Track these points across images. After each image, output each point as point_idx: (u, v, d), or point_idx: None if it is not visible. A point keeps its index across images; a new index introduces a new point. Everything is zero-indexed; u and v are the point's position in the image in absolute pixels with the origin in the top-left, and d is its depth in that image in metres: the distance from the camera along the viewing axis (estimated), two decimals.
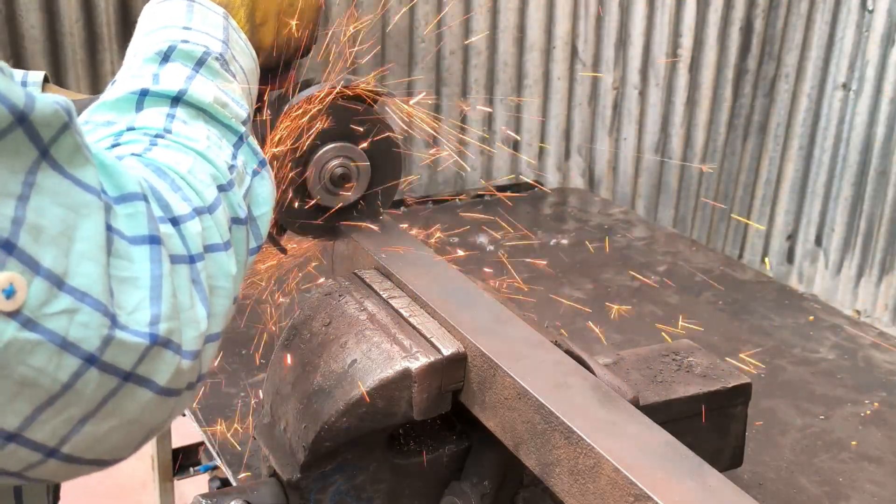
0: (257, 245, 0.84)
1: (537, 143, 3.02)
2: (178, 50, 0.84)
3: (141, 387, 0.63)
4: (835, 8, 3.11)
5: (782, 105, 3.27)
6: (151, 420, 0.66)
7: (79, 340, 0.58)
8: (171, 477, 2.31)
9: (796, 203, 3.34)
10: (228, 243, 0.76)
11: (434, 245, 1.42)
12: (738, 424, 1.28)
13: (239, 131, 0.84)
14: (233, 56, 0.91)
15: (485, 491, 1.09)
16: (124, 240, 0.63)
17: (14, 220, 0.56)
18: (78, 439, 0.62)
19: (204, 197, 0.74)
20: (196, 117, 0.81)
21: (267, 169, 0.87)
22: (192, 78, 0.83)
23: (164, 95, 0.81)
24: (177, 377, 0.65)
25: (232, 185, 0.79)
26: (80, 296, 0.59)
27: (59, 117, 0.59)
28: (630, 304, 2.07)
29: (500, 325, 1.06)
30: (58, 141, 0.59)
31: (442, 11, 2.75)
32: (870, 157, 3.10)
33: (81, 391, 0.60)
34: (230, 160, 0.81)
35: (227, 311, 0.75)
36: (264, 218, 0.86)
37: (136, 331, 0.62)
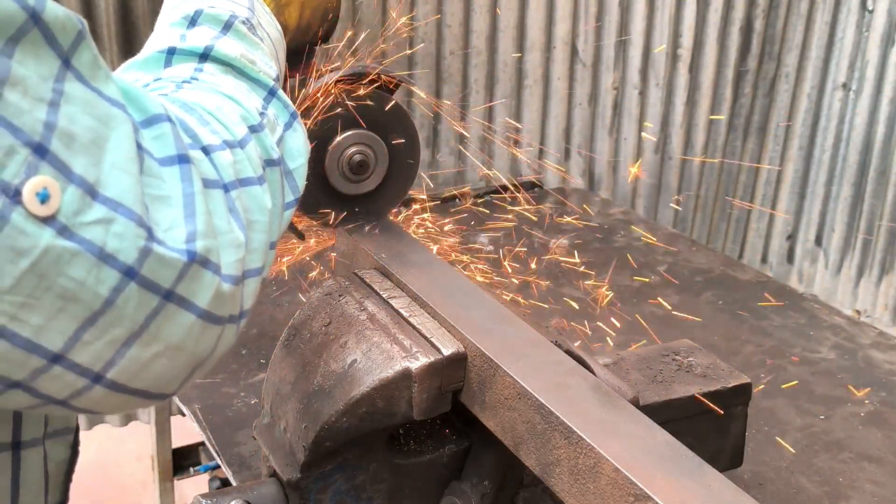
0: (294, 198, 0.83)
1: (537, 143, 3.02)
2: (205, 14, 0.85)
3: (182, 308, 0.62)
4: (835, 8, 3.11)
5: (782, 105, 3.27)
6: (196, 348, 0.65)
7: (116, 251, 0.58)
8: (171, 477, 2.31)
9: (796, 203, 3.34)
10: (262, 178, 0.74)
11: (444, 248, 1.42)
12: (738, 424, 1.28)
13: (269, 85, 0.84)
14: (259, 23, 0.91)
15: (485, 491, 1.09)
16: (154, 160, 0.62)
17: (46, 125, 0.55)
18: (123, 364, 0.61)
19: (233, 132, 0.73)
20: (225, 72, 0.81)
21: (299, 122, 0.86)
22: (218, 38, 0.83)
23: (191, 52, 0.81)
24: (218, 301, 0.64)
25: (263, 128, 0.78)
26: (114, 205, 0.58)
27: (72, 24, 0.58)
28: (630, 304, 2.07)
29: (500, 325, 1.06)
30: (77, 51, 0.58)
31: (442, 11, 2.75)
32: (870, 157, 3.10)
33: (123, 308, 0.59)
34: (261, 108, 0.80)
35: (264, 247, 0.73)
36: (300, 171, 0.84)
37: (173, 247, 0.61)
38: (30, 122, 0.54)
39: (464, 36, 2.80)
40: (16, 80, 0.54)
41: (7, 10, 0.54)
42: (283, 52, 0.98)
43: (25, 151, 0.54)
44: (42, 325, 0.56)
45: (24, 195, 0.53)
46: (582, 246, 2.39)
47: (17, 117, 0.54)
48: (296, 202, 0.83)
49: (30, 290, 0.55)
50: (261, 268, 0.72)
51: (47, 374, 0.59)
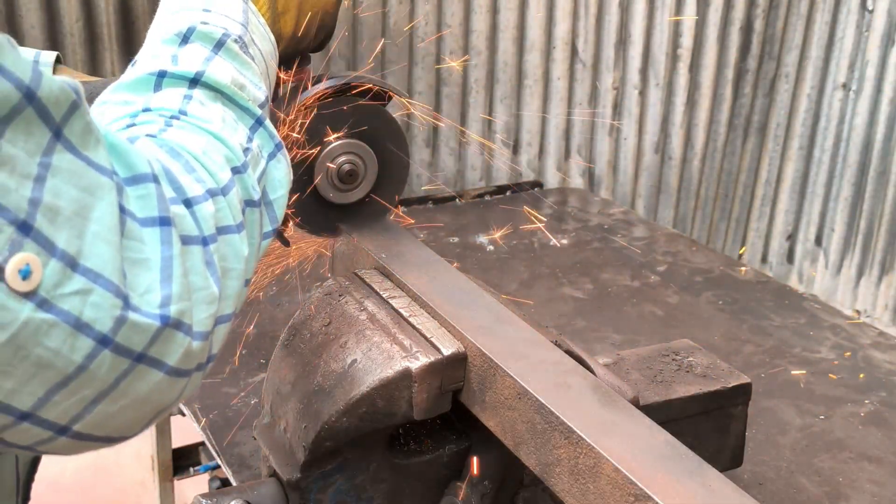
0: (272, 228, 0.84)
1: (537, 143, 3.02)
2: (198, 31, 0.85)
3: (152, 368, 0.63)
4: (835, 8, 3.11)
5: (782, 105, 3.27)
6: (161, 400, 0.66)
7: (92, 321, 0.59)
8: (171, 477, 2.31)
9: (796, 203, 3.34)
10: (241, 225, 0.75)
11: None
12: (738, 424, 1.28)
13: (256, 114, 0.84)
14: (252, 39, 0.91)
15: (485, 491, 1.09)
16: (136, 221, 0.63)
17: (31, 202, 0.56)
18: (90, 418, 0.62)
19: (218, 178, 0.74)
20: (213, 99, 0.81)
21: (283, 153, 0.87)
22: (210, 59, 0.83)
23: (181, 77, 0.81)
24: (187, 358, 0.66)
25: (246, 168, 0.79)
26: (94, 276, 0.59)
27: (67, 95, 0.59)
28: (630, 304, 2.07)
29: (500, 325, 1.06)
30: (70, 121, 0.59)
31: (442, 11, 2.75)
32: (870, 157, 3.10)
33: (95, 372, 0.60)
34: (245, 143, 0.81)
35: (238, 292, 0.75)
36: (280, 201, 0.85)
37: (148, 312, 0.62)
38: (16, 199, 0.55)
39: (464, 36, 2.80)
40: (4, 161, 0.55)
41: (2, 90, 0.55)
42: (274, 66, 0.99)
43: (10, 230, 0.55)
44: (14, 389, 0.58)
45: (6, 272, 0.55)
46: (582, 246, 2.39)
47: (3, 196, 0.55)
48: (273, 232, 0.84)
49: (6, 360, 0.56)
50: (232, 313, 0.74)
51: (15, 429, 0.60)
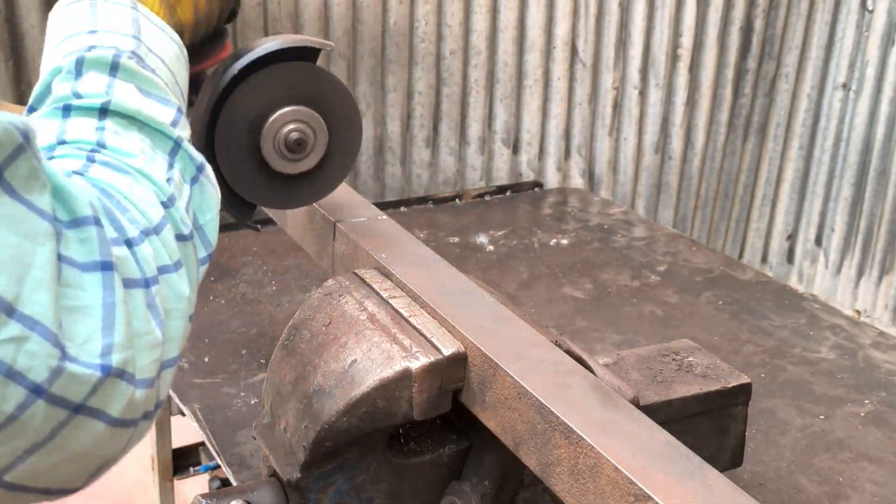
0: (207, 254, 0.81)
1: (537, 143, 3.02)
2: (88, 59, 0.79)
3: (92, 419, 0.61)
4: (835, 8, 3.11)
5: (782, 105, 3.27)
6: (105, 452, 0.64)
7: (25, 370, 0.56)
8: (171, 477, 2.31)
9: (796, 203, 3.34)
10: (179, 263, 0.73)
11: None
12: (738, 424, 1.28)
13: (172, 136, 0.80)
14: (148, 49, 0.85)
15: (485, 491, 1.09)
16: (75, 267, 0.61)
17: None
18: (24, 468, 0.60)
19: (149, 217, 0.71)
20: (128, 127, 0.77)
21: (206, 174, 0.83)
22: (111, 85, 0.79)
23: (89, 108, 0.76)
24: (130, 407, 0.63)
25: (173, 201, 0.76)
26: (31, 324, 0.56)
27: (11, 138, 0.56)
28: (630, 304, 2.07)
29: (500, 324, 1.06)
30: (14, 164, 0.56)
31: (442, 11, 2.75)
32: (870, 157, 3.10)
33: (27, 423, 0.57)
34: (167, 172, 0.77)
35: (182, 333, 0.72)
36: (210, 224, 0.82)
37: (87, 362, 0.59)
38: None
39: (464, 36, 2.80)
40: None
41: None
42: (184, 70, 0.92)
43: None
44: None
45: None
46: (582, 246, 2.39)
47: None
48: (209, 258, 0.81)
49: None
50: (177, 356, 0.71)
51: None
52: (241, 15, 2.52)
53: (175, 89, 0.87)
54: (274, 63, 1.10)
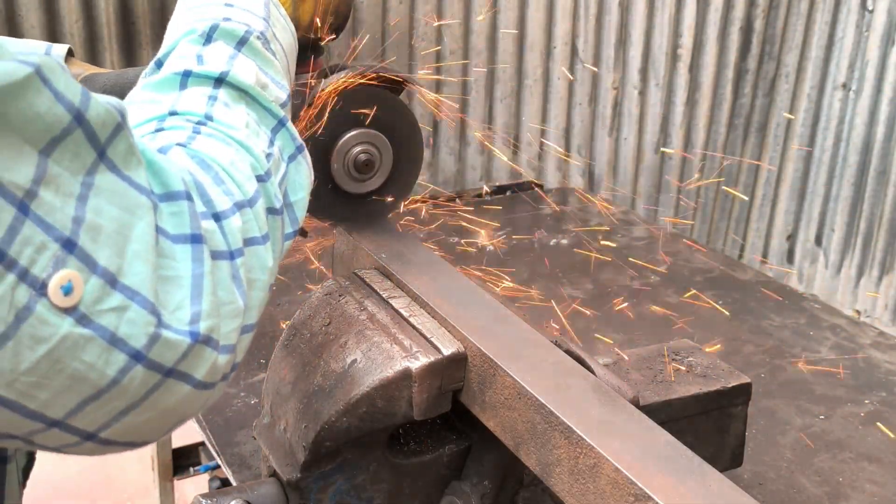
0: (293, 230, 0.85)
1: (537, 143, 3.02)
2: (221, 29, 0.85)
3: (181, 381, 0.64)
4: (835, 8, 3.11)
5: (782, 105, 3.27)
6: (186, 410, 0.68)
7: (127, 337, 0.60)
8: (171, 477, 2.31)
9: (796, 203, 3.34)
10: (266, 236, 0.76)
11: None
12: (738, 424, 1.28)
13: (278, 115, 0.85)
14: (273, 34, 0.91)
15: (485, 491, 1.09)
16: (168, 238, 0.64)
17: (75, 220, 0.58)
18: (116, 427, 0.64)
19: (245, 190, 0.75)
20: (238, 100, 0.82)
21: (304, 154, 0.88)
22: (234, 58, 0.84)
23: (206, 76, 0.81)
24: (213, 371, 0.67)
25: (269, 176, 0.80)
26: (132, 294, 0.60)
27: (112, 117, 0.61)
28: (630, 304, 2.07)
29: (500, 324, 1.06)
30: (113, 142, 0.61)
31: (442, 11, 2.75)
32: (870, 157, 3.10)
33: (127, 386, 0.61)
34: (267, 148, 0.82)
35: (262, 301, 0.76)
36: (301, 203, 0.86)
37: (179, 329, 0.63)
38: (61, 218, 0.57)
39: (464, 36, 2.80)
40: (50, 179, 0.57)
41: (54, 112, 0.57)
42: (294, 59, 0.99)
43: (55, 247, 0.57)
44: (48, 400, 0.59)
45: (49, 288, 0.56)
46: (582, 246, 2.39)
47: (49, 214, 0.56)
48: (294, 234, 0.85)
49: (44, 372, 0.58)
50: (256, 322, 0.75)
51: (45, 434, 0.62)
52: None
53: (287, 76, 0.93)
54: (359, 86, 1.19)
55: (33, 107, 0.55)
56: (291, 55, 0.97)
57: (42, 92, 0.56)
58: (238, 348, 0.71)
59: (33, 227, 0.55)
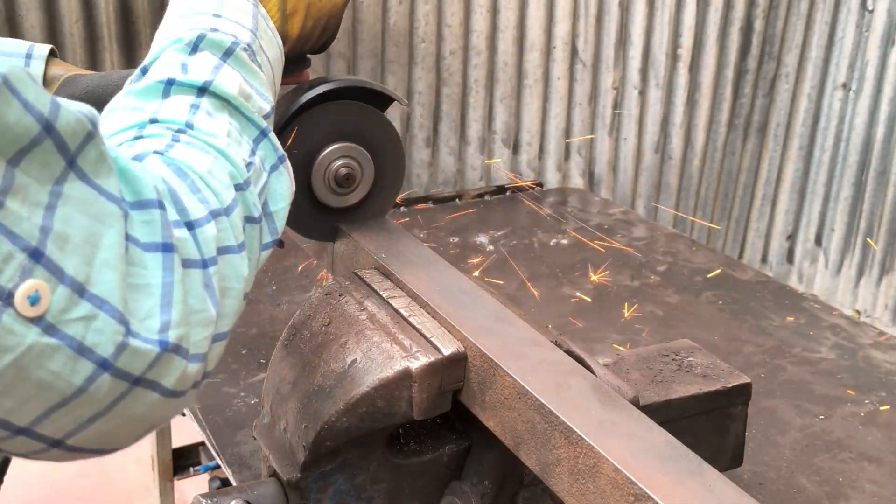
0: (272, 240, 0.85)
1: (537, 143, 3.02)
2: (207, 39, 0.85)
3: (149, 390, 0.65)
4: (835, 8, 3.11)
5: (782, 105, 3.27)
6: (155, 418, 0.68)
7: (94, 345, 0.60)
8: (171, 477, 2.31)
9: (796, 203, 3.34)
10: (242, 245, 0.77)
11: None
12: (738, 424, 1.28)
13: (261, 126, 0.85)
14: (260, 46, 0.92)
15: (485, 491, 1.09)
16: (138, 247, 0.65)
17: (42, 229, 0.58)
18: (83, 434, 0.64)
19: (222, 198, 0.75)
20: (220, 109, 0.82)
21: (285, 165, 0.88)
22: (218, 68, 0.84)
23: (190, 85, 0.82)
24: (183, 380, 0.67)
25: (248, 184, 0.80)
26: (100, 303, 0.60)
27: (82, 126, 0.61)
28: (630, 304, 2.07)
29: (500, 324, 1.06)
30: (84, 150, 0.61)
31: (442, 11, 2.75)
32: (870, 157, 3.10)
33: (93, 394, 0.61)
34: (248, 157, 0.82)
35: (236, 310, 0.76)
36: (281, 213, 0.87)
37: (147, 338, 0.63)
38: (27, 227, 0.57)
39: (464, 36, 2.80)
40: (17, 189, 0.57)
41: (22, 123, 0.56)
42: (280, 72, 0.99)
43: (22, 256, 0.56)
44: (13, 408, 0.59)
45: (16, 298, 0.56)
46: (582, 246, 2.39)
47: (16, 224, 0.56)
48: (273, 243, 0.85)
49: (8, 381, 0.58)
50: (229, 330, 0.75)
51: (11, 441, 0.62)
52: None
53: (272, 88, 0.93)
54: (338, 99, 1.18)
55: (2, 118, 0.55)
56: (277, 68, 0.97)
57: (11, 103, 0.55)
58: (209, 356, 0.71)
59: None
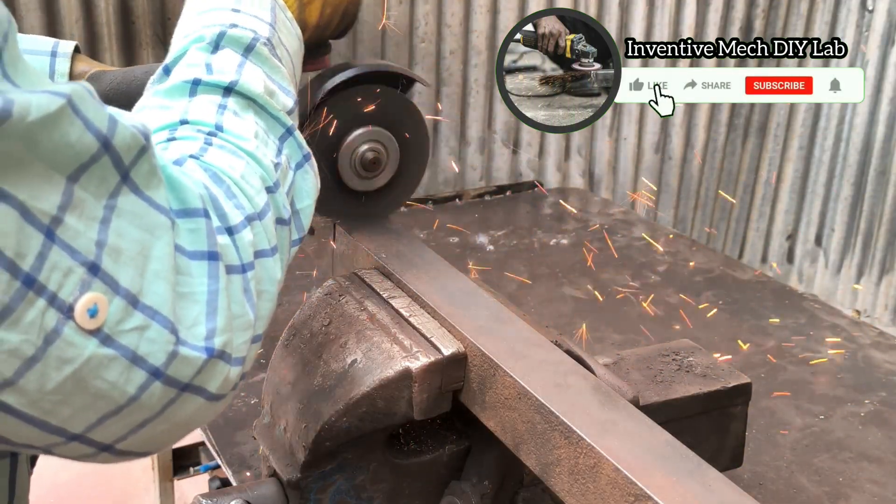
0: (299, 237, 0.86)
1: (537, 143, 3.02)
2: (228, 36, 0.85)
3: (195, 395, 0.67)
4: (835, 8, 3.11)
5: (782, 105, 3.27)
6: (198, 420, 0.70)
7: (147, 355, 0.62)
8: (171, 477, 2.31)
9: (796, 203, 3.34)
10: (275, 248, 0.78)
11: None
12: (738, 424, 1.28)
13: (286, 124, 0.85)
14: (279, 40, 0.92)
15: (485, 491, 1.09)
16: (185, 255, 0.66)
17: (98, 244, 0.59)
18: (133, 438, 0.66)
19: (255, 203, 0.76)
20: (246, 108, 0.83)
21: (311, 163, 0.89)
22: (242, 66, 0.84)
23: (216, 85, 0.82)
24: (226, 384, 0.69)
25: (278, 186, 0.81)
26: (152, 313, 0.62)
27: (137, 141, 0.62)
28: (630, 304, 2.07)
29: (500, 324, 1.06)
30: (137, 164, 0.62)
31: (442, 11, 2.75)
32: (870, 157, 3.10)
33: (145, 402, 0.63)
34: (275, 157, 0.82)
35: (270, 312, 0.78)
36: (307, 210, 0.88)
37: (195, 345, 0.65)
38: (84, 242, 0.58)
39: (464, 36, 2.80)
40: (76, 205, 0.58)
41: (83, 141, 0.58)
42: (300, 62, 0.99)
43: (81, 270, 0.58)
44: (70, 416, 0.61)
45: (76, 311, 0.58)
46: (582, 246, 2.39)
47: (74, 240, 0.58)
48: (300, 240, 0.87)
49: (68, 391, 0.60)
50: (263, 333, 0.77)
51: (64, 446, 0.64)
52: None
53: (293, 81, 0.93)
54: (363, 83, 1.18)
55: (65, 137, 0.57)
56: (297, 59, 0.97)
57: (74, 122, 0.57)
58: (247, 359, 0.73)
59: (60, 253, 0.57)
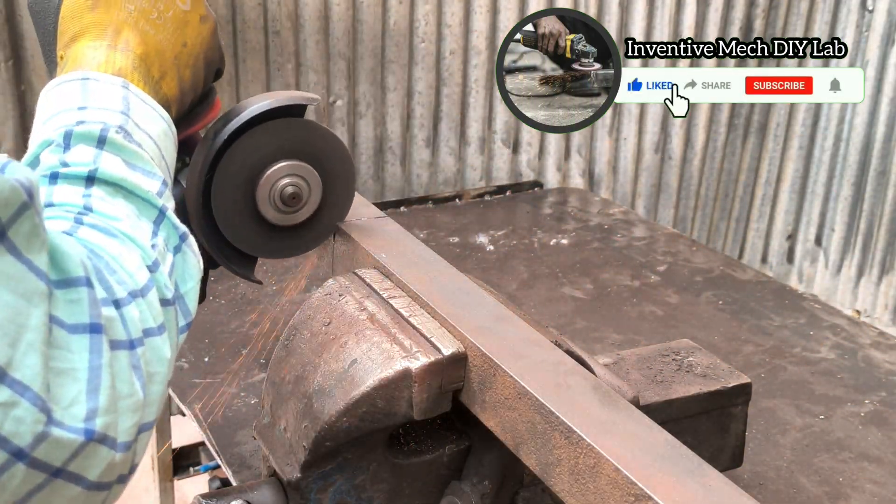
0: (186, 322, 0.81)
1: (537, 143, 3.02)
2: (76, 133, 0.80)
3: (70, 483, 0.60)
4: (835, 8, 3.11)
5: (782, 105, 3.27)
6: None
7: (11, 435, 0.56)
8: (171, 477, 2.31)
9: (796, 203, 3.34)
10: (162, 327, 0.73)
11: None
12: (738, 424, 1.28)
13: (157, 205, 0.81)
14: (136, 125, 0.86)
15: (485, 491, 1.09)
16: (64, 328, 0.60)
17: None
18: None
19: (136, 279, 0.71)
20: (114, 194, 0.78)
21: (188, 243, 0.84)
22: (98, 156, 0.79)
23: (76, 176, 0.77)
24: (108, 471, 0.63)
25: (158, 266, 0.76)
26: (22, 389, 0.56)
27: (17, 196, 0.56)
28: (630, 304, 2.07)
29: (500, 324, 1.06)
30: (17, 222, 0.56)
31: (442, 11, 2.75)
32: (870, 157, 3.10)
33: (5, 485, 0.57)
34: (151, 239, 0.78)
35: (161, 397, 0.72)
36: (191, 293, 0.82)
37: (72, 426, 0.59)
38: None
39: (464, 36, 2.80)
40: None
41: None
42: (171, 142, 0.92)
43: None
44: None
45: None
46: (582, 246, 2.39)
47: None
48: (188, 326, 0.81)
49: None
50: (154, 421, 0.71)
51: None
52: (241, 14, 2.52)
53: (161, 163, 0.88)
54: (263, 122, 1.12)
55: None
56: (164, 139, 0.90)
57: None
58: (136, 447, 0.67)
59: None
